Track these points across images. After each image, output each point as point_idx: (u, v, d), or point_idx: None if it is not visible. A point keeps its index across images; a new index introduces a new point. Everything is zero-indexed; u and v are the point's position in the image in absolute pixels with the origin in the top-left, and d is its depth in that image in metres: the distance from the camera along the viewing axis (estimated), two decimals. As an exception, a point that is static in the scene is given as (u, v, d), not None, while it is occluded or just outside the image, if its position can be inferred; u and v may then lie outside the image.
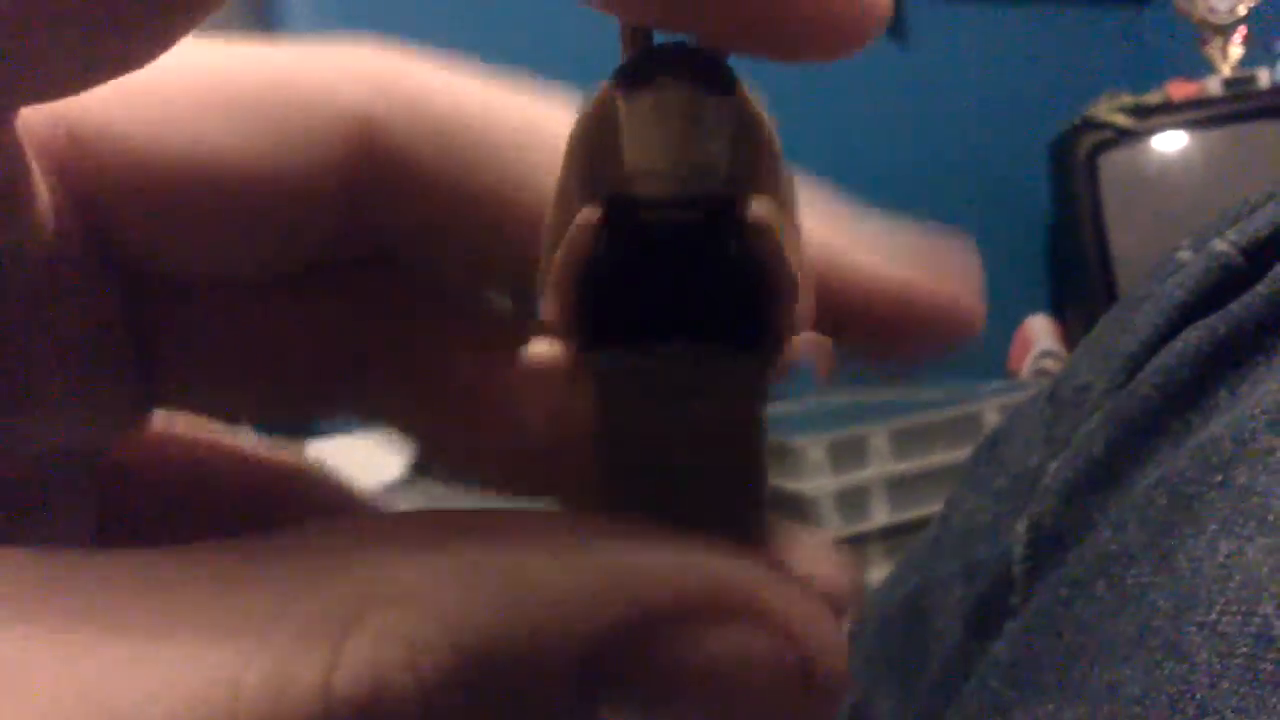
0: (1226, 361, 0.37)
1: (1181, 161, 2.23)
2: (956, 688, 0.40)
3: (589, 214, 0.16)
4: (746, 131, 0.16)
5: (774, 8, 0.16)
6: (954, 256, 0.20)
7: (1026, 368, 2.32)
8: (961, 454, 1.53)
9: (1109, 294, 2.18)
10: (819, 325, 0.17)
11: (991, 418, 1.56)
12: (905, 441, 1.52)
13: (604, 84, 0.16)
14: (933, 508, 1.51)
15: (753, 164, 0.16)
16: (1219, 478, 0.34)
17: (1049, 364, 2.31)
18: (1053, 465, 0.40)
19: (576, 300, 0.16)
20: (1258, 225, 0.40)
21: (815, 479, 1.48)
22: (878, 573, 1.50)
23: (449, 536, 0.15)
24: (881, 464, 1.51)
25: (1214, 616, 0.31)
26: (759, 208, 0.16)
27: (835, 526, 1.48)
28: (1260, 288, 0.38)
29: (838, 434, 1.51)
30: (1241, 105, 2.22)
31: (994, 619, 0.40)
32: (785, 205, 0.17)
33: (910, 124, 2.33)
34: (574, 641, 0.14)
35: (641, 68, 0.15)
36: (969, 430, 1.56)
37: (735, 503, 0.17)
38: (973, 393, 1.65)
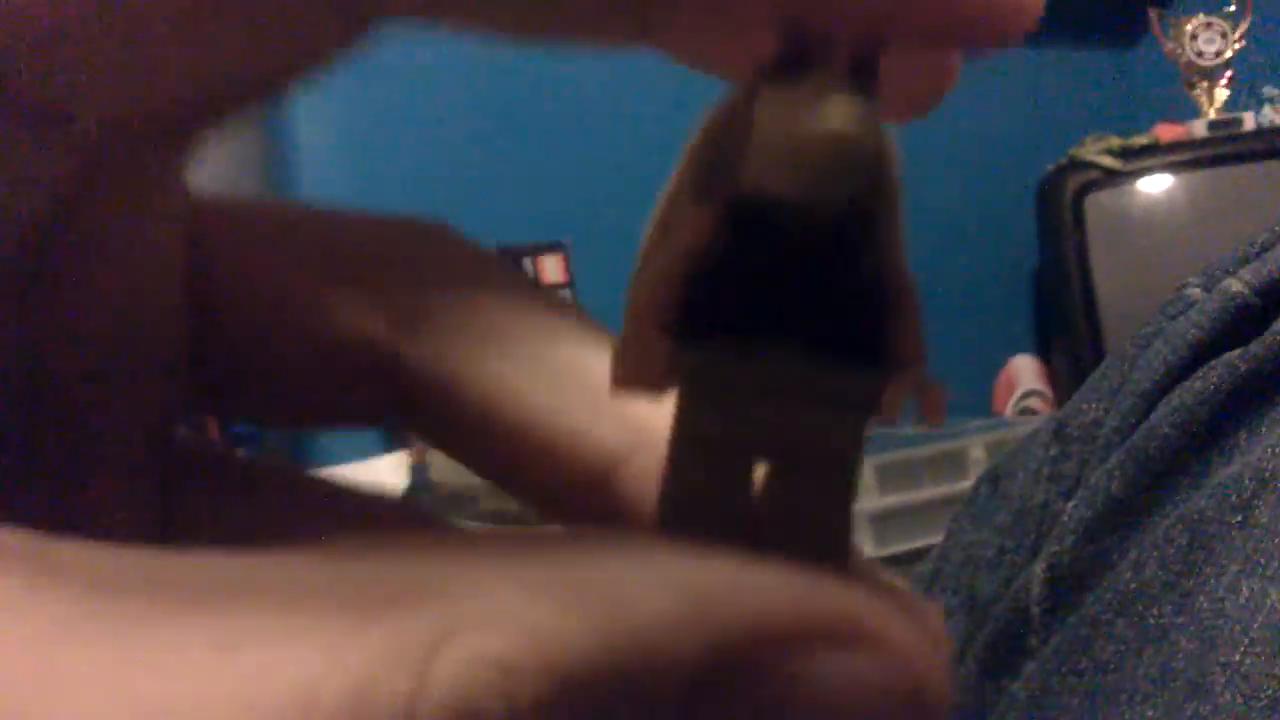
0: (1247, 400, 0.37)
1: (1167, 203, 2.25)
2: None
3: (708, 210, 0.15)
4: (884, 144, 0.15)
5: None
6: None
7: (1010, 408, 2.33)
8: (946, 490, 1.54)
9: (1094, 335, 2.19)
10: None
11: (977, 454, 1.56)
12: (890, 477, 1.53)
13: (738, 84, 0.15)
14: (918, 542, 1.53)
15: (889, 179, 0.15)
16: (1239, 517, 0.34)
17: (1034, 403, 2.31)
18: (1070, 504, 0.40)
19: (681, 295, 0.15)
20: (1271, 266, 0.40)
21: (800, 513, 1.47)
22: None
23: (544, 556, 0.14)
24: (867, 499, 1.51)
25: (1238, 657, 0.31)
26: (892, 229, 0.15)
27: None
28: (1279, 326, 0.38)
29: (823, 468, 1.50)
30: (1227, 148, 2.24)
31: (1012, 659, 0.40)
32: (902, 240, 0.16)
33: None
34: (680, 666, 0.13)
35: (791, 62, 0.15)
36: (954, 466, 1.56)
37: (825, 528, 0.16)
38: (958, 429, 1.66)
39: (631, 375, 0.16)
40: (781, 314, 0.15)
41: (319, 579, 0.13)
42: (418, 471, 1.69)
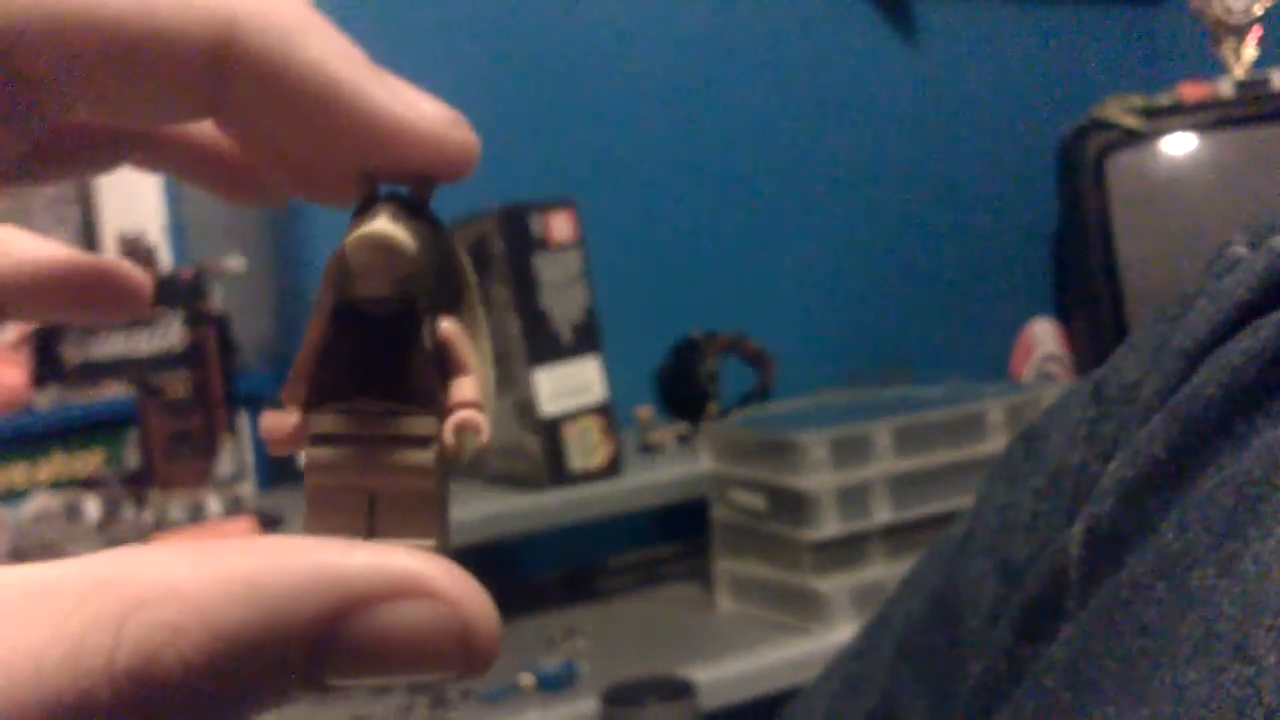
0: None
1: (1191, 164, 2.22)
2: (1005, 691, 0.39)
3: (324, 317, 0.24)
4: (445, 259, 0.25)
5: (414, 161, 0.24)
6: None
7: (1029, 371, 2.32)
8: (965, 453, 1.54)
9: (1114, 299, 2.17)
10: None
11: (996, 417, 1.55)
12: (908, 440, 1.52)
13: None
14: (935, 506, 1.53)
15: (449, 286, 0.25)
16: None
17: (1052, 368, 2.30)
18: (1110, 466, 0.39)
19: (309, 377, 0.23)
20: None
21: (817, 475, 1.47)
22: (878, 571, 1.49)
23: (208, 554, 0.20)
24: (884, 462, 1.50)
25: None
26: (446, 320, 0.24)
27: (836, 523, 1.48)
28: None
29: (841, 431, 1.50)
30: (1254, 108, 2.21)
31: (1048, 622, 0.39)
32: (475, 325, 0.25)
33: (918, 124, 2.32)
34: (297, 624, 0.19)
35: (367, 202, 0.24)
36: (973, 430, 1.55)
37: (416, 516, 0.23)
38: (977, 392, 1.65)
39: (278, 441, 0.23)
40: (373, 381, 0.23)
41: (48, 576, 0.19)
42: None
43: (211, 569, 0.19)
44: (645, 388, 1.95)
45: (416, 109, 0.24)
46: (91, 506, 1.54)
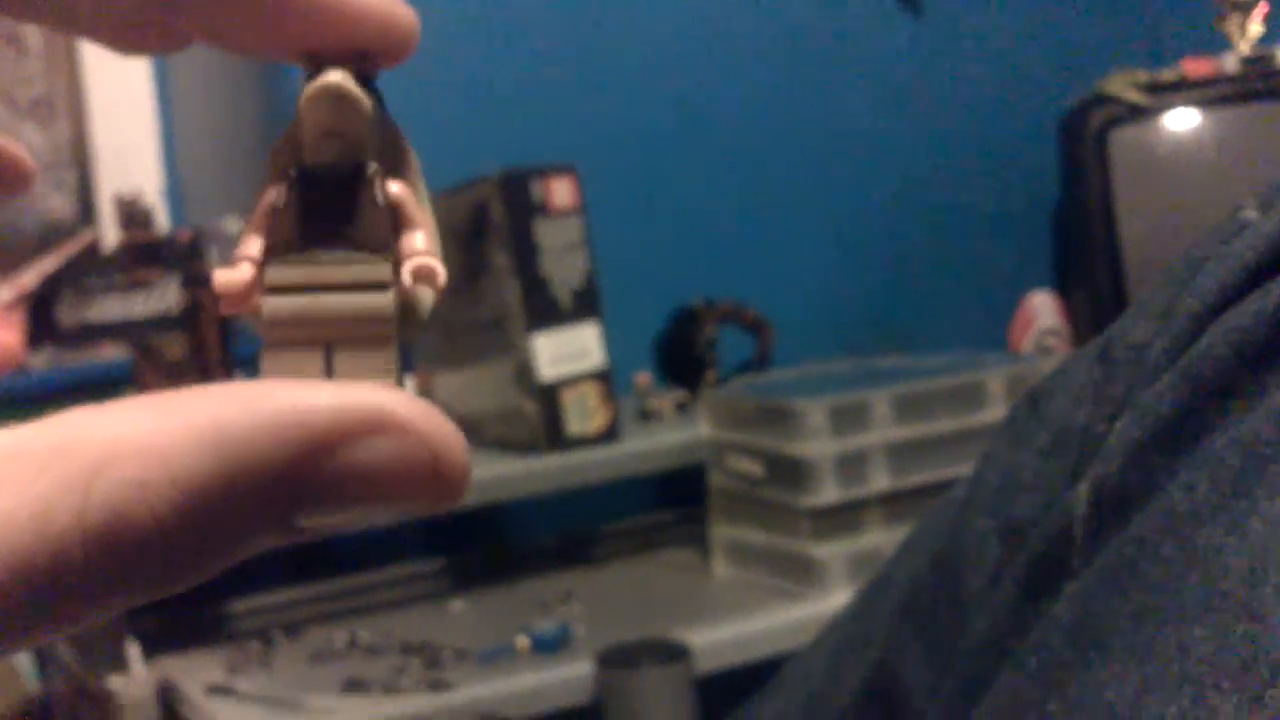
0: None
1: (1194, 140, 2.21)
2: (1008, 649, 0.39)
3: (278, 182, 0.24)
4: (388, 132, 0.25)
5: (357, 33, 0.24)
6: None
7: (1028, 344, 2.31)
8: (964, 423, 1.54)
9: (1115, 273, 2.17)
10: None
11: (995, 387, 1.56)
12: (907, 408, 1.52)
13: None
14: (933, 475, 1.54)
15: (395, 157, 0.25)
16: None
17: (1051, 341, 2.30)
18: (1117, 425, 0.39)
19: (263, 233, 0.24)
20: None
21: (816, 442, 1.48)
22: (875, 537, 1.50)
23: (170, 407, 0.19)
24: (883, 429, 1.51)
25: None
26: (394, 182, 0.25)
27: (834, 490, 1.48)
28: None
29: (839, 398, 1.50)
30: (1258, 84, 2.21)
31: (1052, 580, 0.39)
32: (419, 193, 0.25)
33: (922, 95, 2.31)
34: (267, 468, 0.19)
35: (315, 72, 0.24)
36: (972, 398, 1.56)
37: (374, 360, 0.23)
38: (977, 362, 1.65)
39: (232, 296, 0.23)
40: (330, 235, 0.24)
41: (16, 440, 0.19)
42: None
43: (176, 421, 0.19)
44: (644, 355, 1.95)
45: None
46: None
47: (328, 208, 0.24)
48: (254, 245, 0.24)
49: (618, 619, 1.53)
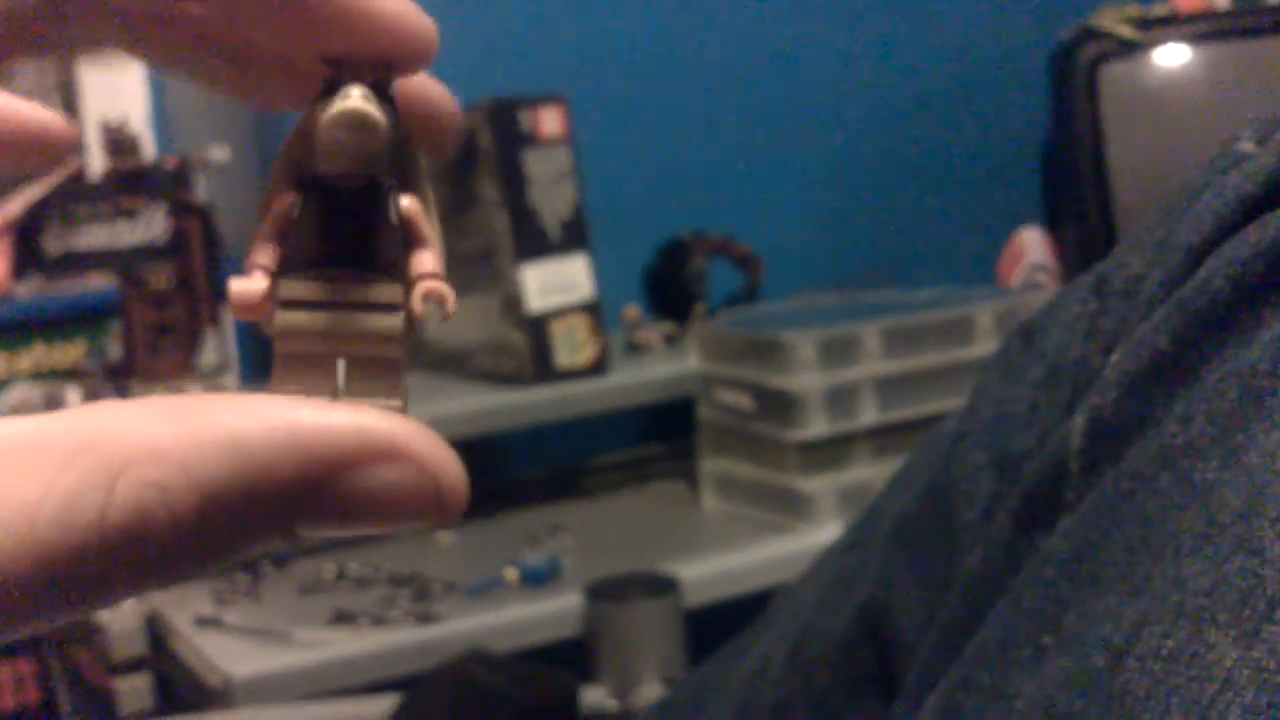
0: None
1: (1184, 76, 2.20)
2: (1003, 582, 0.39)
3: (290, 190, 0.25)
4: (401, 142, 0.25)
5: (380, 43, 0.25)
6: None
7: (1017, 279, 2.31)
8: (953, 356, 1.54)
9: (1104, 209, 2.16)
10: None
11: (984, 321, 1.56)
12: (897, 342, 1.52)
13: (307, 105, 0.25)
14: (922, 408, 1.54)
15: (406, 163, 0.25)
16: None
17: (1040, 277, 2.30)
18: (1113, 358, 0.39)
19: (277, 245, 0.24)
20: None
21: (805, 375, 1.48)
22: (864, 471, 1.50)
23: (188, 412, 0.20)
24: (872, 363, 1.51)
25: None
26: (406, 197, 0.25)
27: (823, 424, 1.48)
28: None
29: (828, 332, 1.50)
30: (1249, 20, 2.20)
31: (1047, 513, 0.39)
32: (428, 204, 0.26)
33: (912, 30, 2.30)
34: (278, 482, 0.20)
35: (334, 84, 0.24)
36: (961, 332, 1.56)
37: (383, 380, 0.24)
38: (966, 296, 1.65)
39: (246, 306, 0.24)
40: (342, 250, 0.24)
41: (41, 435, 0.20)
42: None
43: (195, 427, 0.20)
44: (633, 287, 1.94)
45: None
46: (73, 398, 1.54)
47: (342, 222, 0.24)
48: (268, 254, 0.24)
49: (606, 552, 1.53)
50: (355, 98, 0.24)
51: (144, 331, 1.60)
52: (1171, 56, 2.19)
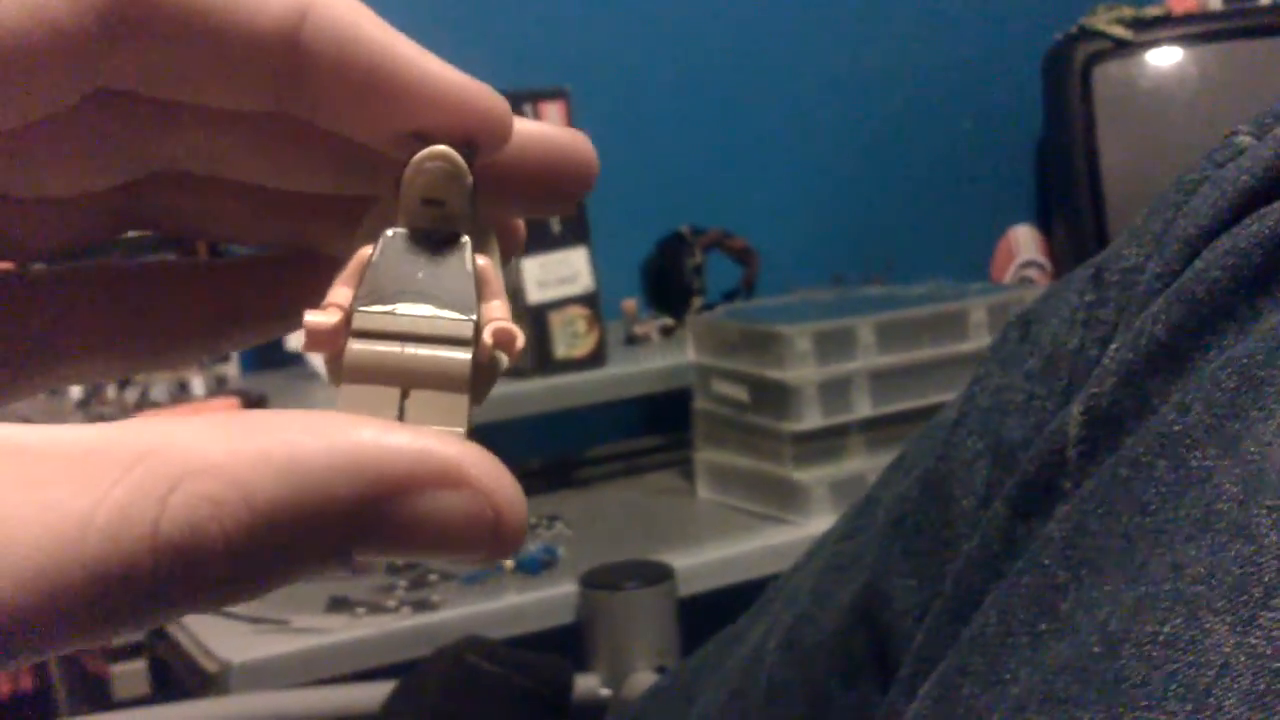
0: None
1: (1177, 76, 2.21)
2: (999, 569, 0.39)
3: (373, 236, 0.25)
4: (476, 209, 0.26)
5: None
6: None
7: (1009, 277, 2.32)
8: (946, 351, 1.54)
9: (1096, 207, 2.17)
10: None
11: (978, 316, 1.56)
12: (891, 336, 1.52)
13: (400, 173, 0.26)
14: (915, 402, 1.55)
15: (481, 235, 0.26)
16: None
17: (1033, 274, 2.30)
18: (1111, 347, 0.39)
19: (356, 283, 0.25)
20: None
21: (800, 368, 1.48)
22: (857, 463, 1.50)
23: (245, 428, 0.20)
24: (866, 356, 1.51)
25: None
26: (481, 256, 0.26)
27: (817, 416, 1.49)
28: None
29: (824, 325, 1.50)
30: (1241, 21, 2.20)
31: (1044, 501, 0.39)
32: (497, 269, 0.26)
33: (907, 26, 2.30)
34: (335, 504, 0.20)
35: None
36: (955, 328, 1.56)
37: (447, 411, 0.24)
38: (959, 291, 1.65)
39: (319, 336, 0.24)
40: (417, 291, 0.25)
41: (93, 444, 0.19)
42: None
43: (253, 444, 0.20)
44: (631, 280, 1.95)
45: (463, 79, 0.26)
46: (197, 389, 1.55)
47: (418, 266, 0.25)
48: (343, 294, 0.25)
49: (602, 541, 1.54)
50: (441, 146, 0.25)
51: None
52: (1164, 57, 2.19)
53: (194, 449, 0.19)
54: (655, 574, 1.36)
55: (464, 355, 0.24)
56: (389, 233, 0.25)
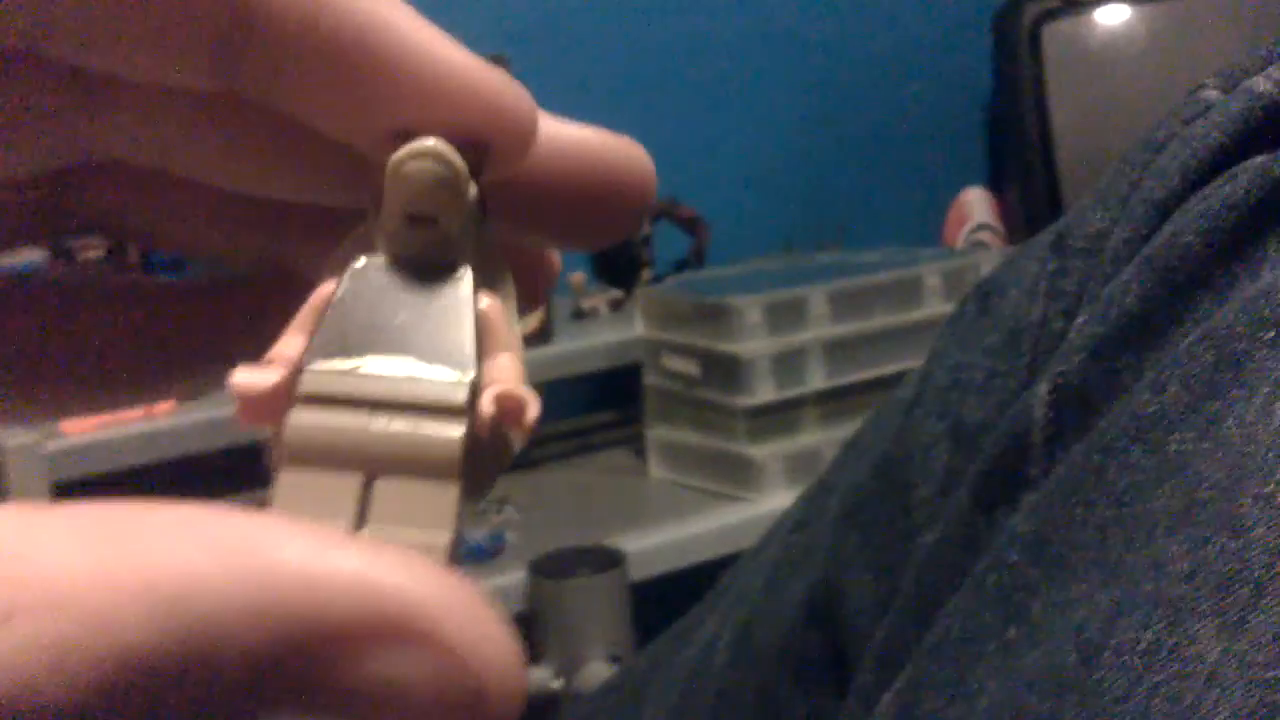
0: (1279, 207, 0.33)
1: (1126, 35, 2.22)
2: (963, 564, 0.37)
3: (342, 268, 0.19)
4: (487, 243, 0.20)
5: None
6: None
7: (961, 240, 2.32)
8: (901, 318, 1.54)
9: (1048, 169, 2.19)
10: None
11: (932, 282, 1.56)
12: (844, 304, 1.52)
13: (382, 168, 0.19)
14: (870, 372, 1.54)
15: (490, 263, 0.20)
16: (1271, 334, 0.31)
17: (985, 236, 2.31)
18: (1079, 320, 0.37)
19: (311, 329, 0.19)
20: None
21: (752, 341, 1.48)
22: (812, 437, 1.49)
23: (124, 538, 0.14)
24: (819, 326, 1.51)
25: (1271, 488, 0.28)
26: (488, 295, 0.20)
27: (770, 389, 1.48)
28: None
29: (776, 295, 1.50)
30: (1190, -23, 2.21)
31: (1008, 489, 0.37)
32: (510, 311, 0.20)
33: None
34: (238, 655, 0.14)
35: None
36: (909, 294, 1.56)
37: (427, 509, 0.17)
38: (913, 258, 1.65)
39: (252, 403, 0.18)
40: (394, 340, 0.19)
41: None
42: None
43: (128, 563, 0.14)
44: (577, 254, 1.92)
45: (470, 60, 0.20)
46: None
47: (399, 307, 0.19)
48: (293, 344, 0.19)
49: (552, 525, 1.52)
50: (431, 140, 0.19)
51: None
52: (1113, 16, 2.22)
53: (39, 568, 0.14)
54: (606, 560, 1.35)
55: (454, 430, 0.18)
56: (359, 261, 0.19)
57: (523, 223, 0.22)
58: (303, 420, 0.18)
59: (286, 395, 0.18)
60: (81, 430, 1.36)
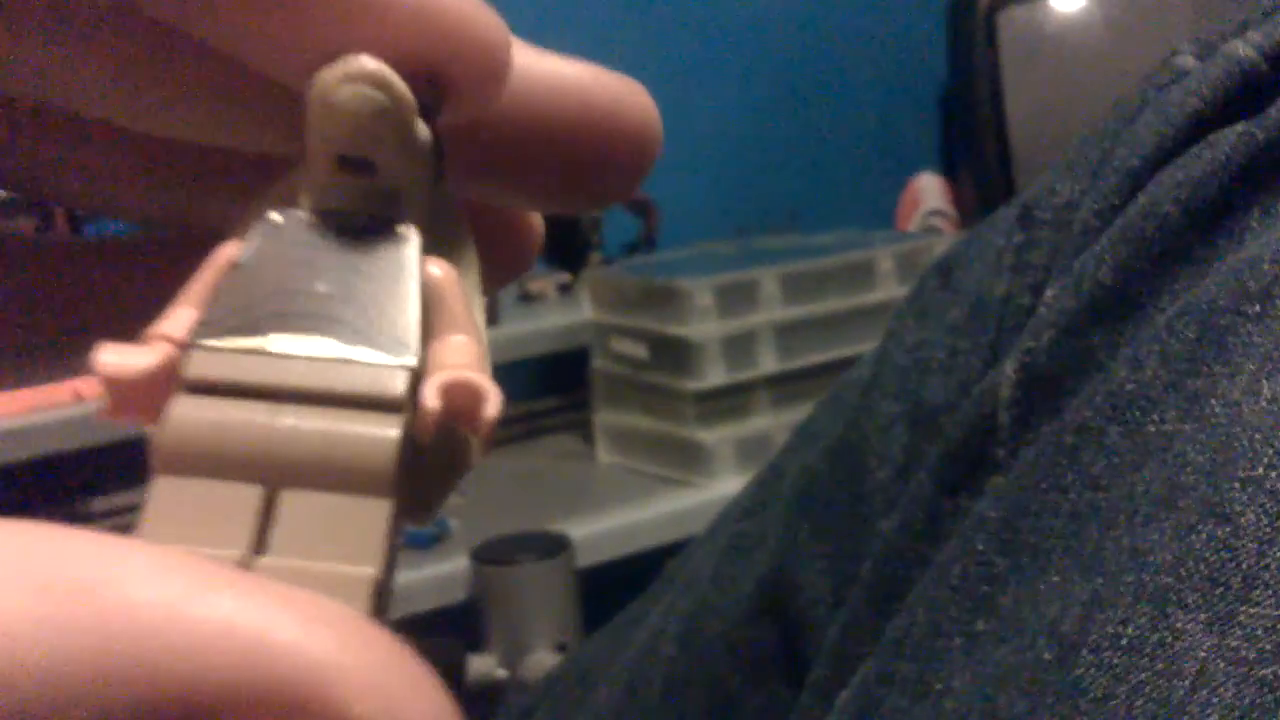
0: (1261, 175, 0.32)
1: (1082, 21, 2.24)
2: (925, 553, 0.35)
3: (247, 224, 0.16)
4: (442, 200, 0.17)
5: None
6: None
7: (914, 226, 2.33)
8: (853, 302, 1.54)
9: (1002, 154, 2.20)
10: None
11: (885, 265, 1.56)
12: (796, 287, 1.52)
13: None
14: (822, 355, 1.53)
15: (443, 236, 0.17)
16: (1257, 307, 0.29)
17: (938, 222, 2.31)
18: (1048, 294, 0.35)
19: (198, 308, 0.15)
20: None
21: (702, 324, 1.47)
22: (763, 421, 1.48)
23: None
24: (771, 309, 1.50)
25: (1260, 471, 0.26)
26: (438, 262, 0.16)
27: (721, 373, 1.48)
28: None
29: (726, 277, 1.49)
30: (1145, -37, 2.23)
31: (974, 473, 0.35)
32: (473, 291, 0.17)
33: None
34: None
35: None
36: (862, 277, 1.56)
37: (346, 532, 0.14)
38: (865, 240, 1.65)
39: (123, 391, 0.14)
40: (310, 313, 0.15)
41: None
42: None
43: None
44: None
45: None
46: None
47: (320, 273, 0.15)
48: (181, 318, 0.15)
49: (497, 511, 1.51)
50: (368, 59, 0.15)
51: None
52: (1068, 1, 2.23)
53: None
54: (552, 546, 1.33)
55: (386, 430, 0.14)
56: (273, 216, 0.16)
57: (494, 178, 0.18)
58: (186, 413, 0.14)
59: (167, 381, 0.14)
60: (6, 414, 1.32)
